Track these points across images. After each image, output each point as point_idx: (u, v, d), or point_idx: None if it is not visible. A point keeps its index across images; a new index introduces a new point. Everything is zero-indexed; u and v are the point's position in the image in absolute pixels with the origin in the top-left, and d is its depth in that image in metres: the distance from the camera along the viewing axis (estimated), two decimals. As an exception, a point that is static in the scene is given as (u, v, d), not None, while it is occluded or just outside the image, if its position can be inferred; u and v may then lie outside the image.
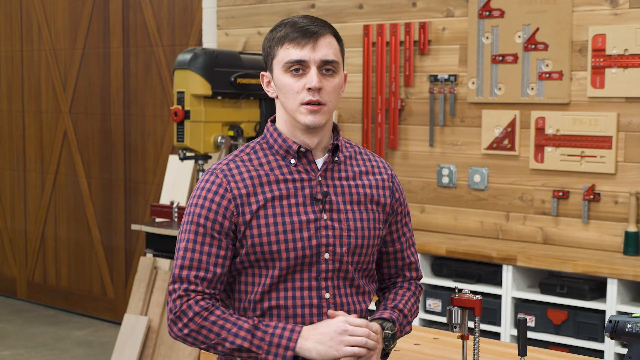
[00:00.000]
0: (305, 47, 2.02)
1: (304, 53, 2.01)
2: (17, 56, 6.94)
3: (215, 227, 2.04)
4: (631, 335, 2.12)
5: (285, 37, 2.03)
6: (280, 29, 2.06)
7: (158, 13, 5.97)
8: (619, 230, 4.07)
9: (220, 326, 1.99)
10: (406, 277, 2.27)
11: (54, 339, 5.97)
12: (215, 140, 4.45)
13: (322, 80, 2.03)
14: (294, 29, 2.03)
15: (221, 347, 2.00)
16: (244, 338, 1.98)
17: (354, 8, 4.88)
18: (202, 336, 2.00)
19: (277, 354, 1.97)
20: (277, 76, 2.06)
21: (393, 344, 2.11)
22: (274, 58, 2.06)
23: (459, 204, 4.57)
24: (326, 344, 1.97)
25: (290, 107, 2.05)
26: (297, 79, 2.03)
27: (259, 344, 1.97)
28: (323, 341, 1.97)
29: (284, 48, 2.03)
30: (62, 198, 6.69)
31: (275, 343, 1.97)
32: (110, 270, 6.39)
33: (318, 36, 2.03)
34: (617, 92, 4.03)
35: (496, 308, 4.06)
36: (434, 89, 4.59)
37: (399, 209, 2.22)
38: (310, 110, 2.03)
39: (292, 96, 2.04)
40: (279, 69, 2.05)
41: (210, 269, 2.03)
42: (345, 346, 1.96)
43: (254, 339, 1.97)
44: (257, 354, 1.97)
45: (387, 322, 2.11)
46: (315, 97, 2.02)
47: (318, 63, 2.02)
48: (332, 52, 2.04)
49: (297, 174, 2.09)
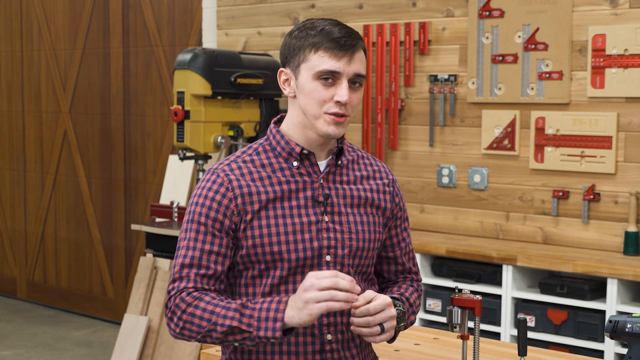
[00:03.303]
0: (341, 60, 2.02)
1: (339, 65, 2.02)
2: (17, 56, 6.94)
3: (216, 225, 2.04)
4: (631, 335, 2.13)
5: (321, 45, 2.03)
6: (313, 33, 2.04)
7: (158, 13, 5.97)
8: (619, 230, 4.08)
9: (210, 312, 1.96)
10: (407, 278, 2.28)
11: (54, 339, 5.97)
12: (215, 140, 4.45)
13: (350, 93, 2.04)
14: (330, 39, 2.02)
15: (215, 334, 1.96)
16: (232, 318, 1.94)
17: (354, 8, 4.88)
18: (196, 326, 1.97)
19: (267, 327, 1.92)
20: (304, 80, 2.05)
21: (403, 324, 2.08)
22: (304, 62, 2.05)
23: (459, 204, 4.58)
24: (299, 306, 1.90)
25: (313, 113, 2.05)
26: (327, 88, 2.03)
27: (248, 322, 1.93)
28: (298, 306, 1.91)
29: (319, 55, 2.03)
30: (62, 198, 6.70)
31: (264, 317, 1.93)
32: (110, 270, 6.39)
33: (354, 51, 2.04)
34: (617, 92, 4.03)
35: (496, 308, 4.06)
36: (434, 89, 4.59)
37: (399, 213, 2.23)
38: (335, 122, 2.04)
39: (317, 103, 2.04)
40: (309, 74, 2.04)
41: (211, 266, 2.03)
42: (314, 303, 1.88)
43: (243, 317, 1.94)
44: (250, 332, 1.93)
45: (397, 301, 2.09)
46: (342, 110, 2.04)
47: (350, 77, 2.04)
48: (363, 67, 2.07)
49: (299, 176, 2.09)
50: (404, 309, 2.08)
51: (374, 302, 1.97)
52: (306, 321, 1.90)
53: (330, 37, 2.03)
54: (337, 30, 2.04)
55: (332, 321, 2.07)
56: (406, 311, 2.11)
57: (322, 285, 1.88)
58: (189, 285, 2.01)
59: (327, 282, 1.89)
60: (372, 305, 1.97)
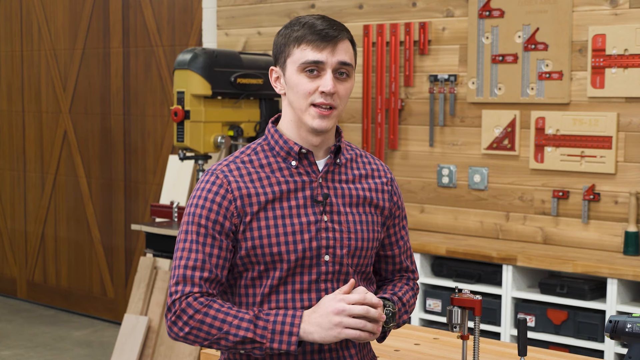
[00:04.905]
0: (324, 50, 2.02)
1: (321, 55, 2.02)
2: (17, 56, 6.94)
3: (216, 227, 2.03)
4: (631, 335, 2.13)
5: (303, 38, 2.03)
6: (297, 28, 2.05)
7: (158, 13, 5.97)
8: (619, 230, 4.08)
9: (221, 320, 1.97)
10: (404, 277, 2.28)
11: (54, 339, 5.97)
12: (215, 140, 4.44)
13: (336, 84, 2.03)
14: (312, 31, 2.02)
15: (224, 342, 1.98)
16: (246, 329, 1.96)
17: (354, 8, 4.88)
18: (204, 332, 1.98)
19: (281, 340, 1.95)
20: (290, 75, 2.05)
21: (392, 324, 2.10)
22: (289, 57, 2.05)
23: (458, 204, 4.58)
24: (325, 326, 1.95)
25: (299, 106, 2.05)
26: (311, 80, 2.03)
27: (262, 333, 1.95)
28: (322, 324, 1.95)
29: (301, 49, 2.03)
30: (62, 198, 6.70)
31: (279, 330, 1.95)
32: (110, 270, 6.39)
33: (337, 41, 2.03)
34: (617, 92, 4.03)
35: (496, 308, 4.06)
36: (434, 89, 4.59)
37: (397, 212, 2.23)
38: (320, 114, 2.03)
39: (303, 96, 2.03)
40: (293, 68, 2.04)
41: (213, 270, 2.02)
42: (343, 328, 1.95)
43: (257, 329, 1.96)
44: (262, 344, 1.96)
45: (387, 301, 2.10)
46: (328, 100, 2.03)
47: (334, 66, 2.03)
48: (348, 56, 2.06)
49: (297, 176, 2.09)
50: (394, 310, 2.09)
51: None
52: (329, 341, 1.96)
53: (313, 29, 2.03)
54: (319, 22, 2.04)
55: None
56: (397, 312, 2.12)
57: (354, 312, 1.95)
58: (194, 290, 2.00)
59: (360, 310, 1.95)
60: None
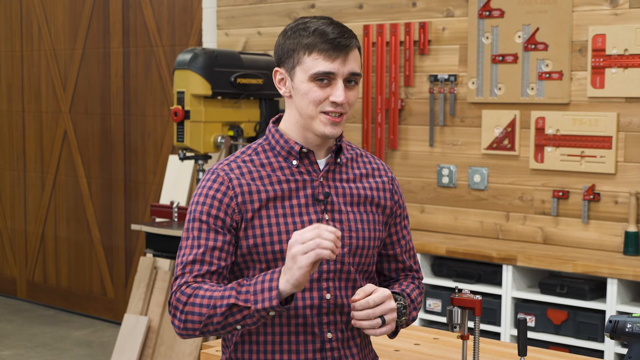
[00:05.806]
0: (336, 60, 2.02)
1: (333, 66, 2.02)
2: (17, 56, 6.94)
3: (217, 222, 2.04)
4: (631, 335, 2.13)
5: (314, 47, 2.02)
6: (306, 34, 2.04)
7: (158, 13, 5.97)
8: (619, 230, 4.08)
9: (208, 297, 1.96)
10: (409, 276, 2.28)
11: (54, 339, 5.97)
12: (215, 140, 4.45)
13: (346, 92, 2.04)
14: (324, 40, 2.02)
15: (216, 318, 1.95)
16: (229, 296, 1.93)
17: (354, 8, 4.88)
18: (197, 315, 1.96)
19: (263, 299, 1.91)
20: (299, 81, 2.05)
21: (405, 318, 2.07)
22: (299, 64, 2.04)
23: (458, 204, 4.58)
24: (289, 267, 1.89)
25: (309, 113, 2.05)
26: (322, 89, 2.03)
27: (245, 297, 1.93)
28: (287, 266, 1.90)
29: (312, 57, 2.02)
30: (62, 198, 6.70)
31: (259, 289, 1.92)
32: (110, 270, 6.39)
33: (349, 50, 2.04)
34: (617, 92, 4.04)
35: (496, 308, 4.06)
36: (434, 89, 4.59)
37: (398, 211, 2.23)
38: (332, 122, 2.04)
39: (313, 103, 2.04)
40: (304, 76, 2.04)
41: (214, 262, 2.02)
42: (300, 256, 1.86)
43: (240, 294, 1.93)
44: (248, 308, 1.92)
45: (398, 295, 2.08)
46: (338, 109, 2.04)
47: (345, 76, 2.04)
48: (357, 65, 2.06)
49: (298, 175, 2.09)
50: (405, 304, 2.07)
51: (373, 295, 1.97)
52: (298, 278, 1.87)
53: (324, 38, 2.02)
54: (330, 30, 2.03)
55: (332, 320, 2.08)
56: (407, 306, 2.11)
57: (305, 238, 1.87)
58: (189, 280, 2.01)
59: (310, 234, 1.87)
60: (371, 297, 1.96)
